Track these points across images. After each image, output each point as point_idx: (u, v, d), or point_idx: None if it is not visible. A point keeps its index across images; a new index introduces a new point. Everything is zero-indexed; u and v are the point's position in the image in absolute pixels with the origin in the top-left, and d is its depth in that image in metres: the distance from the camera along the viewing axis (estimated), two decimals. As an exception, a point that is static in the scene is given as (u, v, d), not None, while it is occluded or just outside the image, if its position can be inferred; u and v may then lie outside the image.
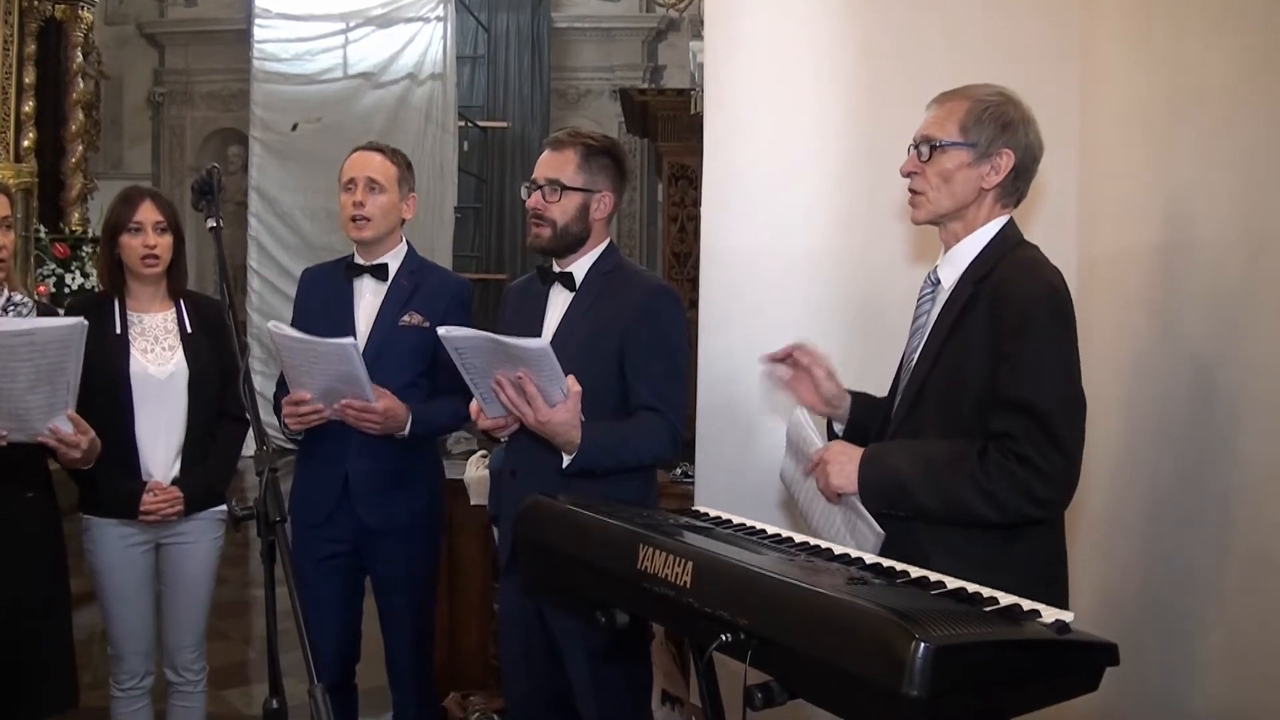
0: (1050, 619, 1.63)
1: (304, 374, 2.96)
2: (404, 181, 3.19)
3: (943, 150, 2.21)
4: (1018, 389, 2.06)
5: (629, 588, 1.92)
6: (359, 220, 3.12)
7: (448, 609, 3.87)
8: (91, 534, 3.10)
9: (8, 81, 8.04)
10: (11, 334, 2.49)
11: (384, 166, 3.16)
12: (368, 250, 3.20)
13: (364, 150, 3.21)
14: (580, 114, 11.55)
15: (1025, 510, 2.07)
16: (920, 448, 2.19)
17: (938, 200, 2.24)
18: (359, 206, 3.11)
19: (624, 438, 2.63)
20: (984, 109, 2.19)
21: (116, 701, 3.19)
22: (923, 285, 2.35)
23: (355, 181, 3.13)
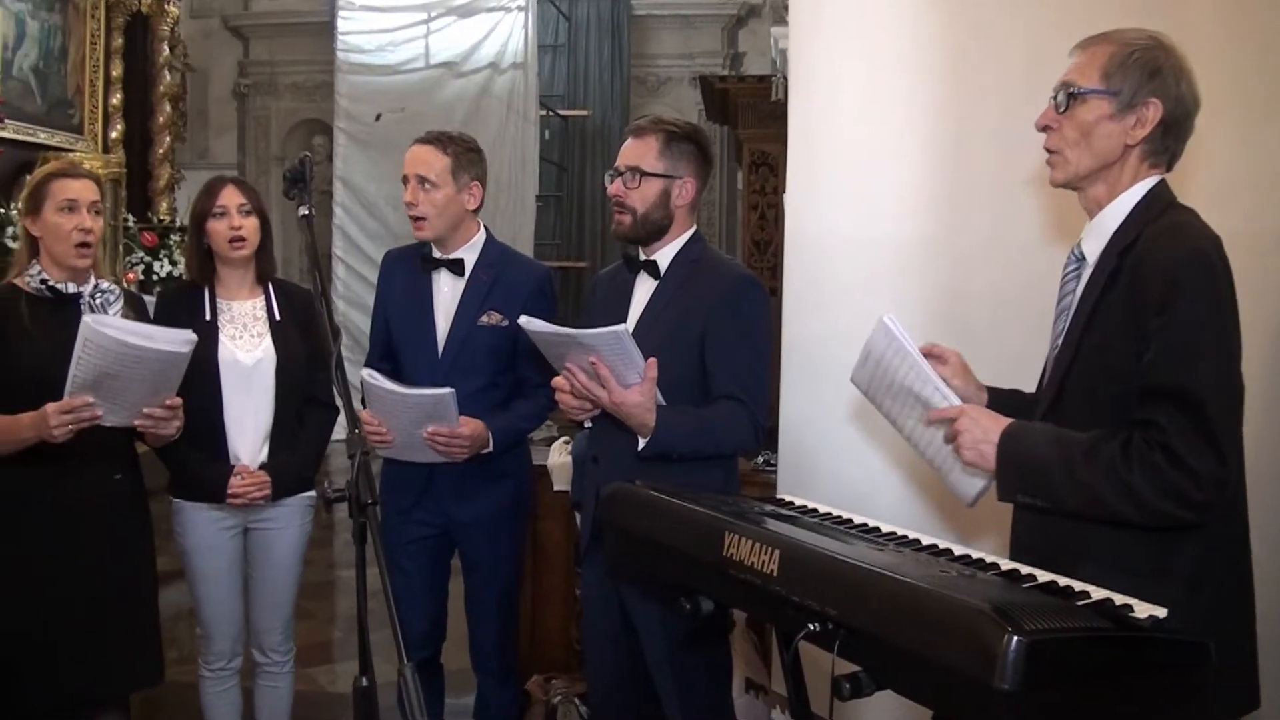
0: (1144, 614, 1.60)
1: (390, 418, 2.98)
2: (460, 171, 3.11)
3: (1082, 100, 1.99)
4: (1164, 372, 1.83)
5: (714, 575, 1.92)
6: (416, 220, 3.11)
7: (530, 593, 3.90)
8: (181, 517, 3.16)
9: (96, 75, 8.20)
10: (124, 345, 2.57)
11: (433, 161, 3.09)
12: (440, 245, 3.19)
13: (417, 144, 3.17)
14: (660, 101, 11.51)
15: (1168, 510, 1.83)
16: (1064, 433, 1.94)
17: (1077, 159, 2.01)
18: (412, 206, 3.10)
19: (701, 423, 2.62)
20: (1130, 53, 1.96)
21: (205, 681, 3.26)
22: (1066, 262, 2.13)
23: (408, 179, 3.12)
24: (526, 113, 9.99)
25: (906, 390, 2.17)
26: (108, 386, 2.61)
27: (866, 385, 2.29)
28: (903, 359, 2.16)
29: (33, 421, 2.65)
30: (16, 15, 7.25)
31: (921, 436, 2.22)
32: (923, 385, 2.14)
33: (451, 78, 10.06)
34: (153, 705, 3.51)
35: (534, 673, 3.73)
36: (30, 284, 2.87)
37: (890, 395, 2.24)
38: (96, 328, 2.55)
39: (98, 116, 8.24)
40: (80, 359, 2.55)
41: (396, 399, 2.95)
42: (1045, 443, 1.95)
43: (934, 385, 2.13)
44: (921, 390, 2.15)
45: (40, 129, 7.59)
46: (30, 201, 2.89)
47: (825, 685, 1.66)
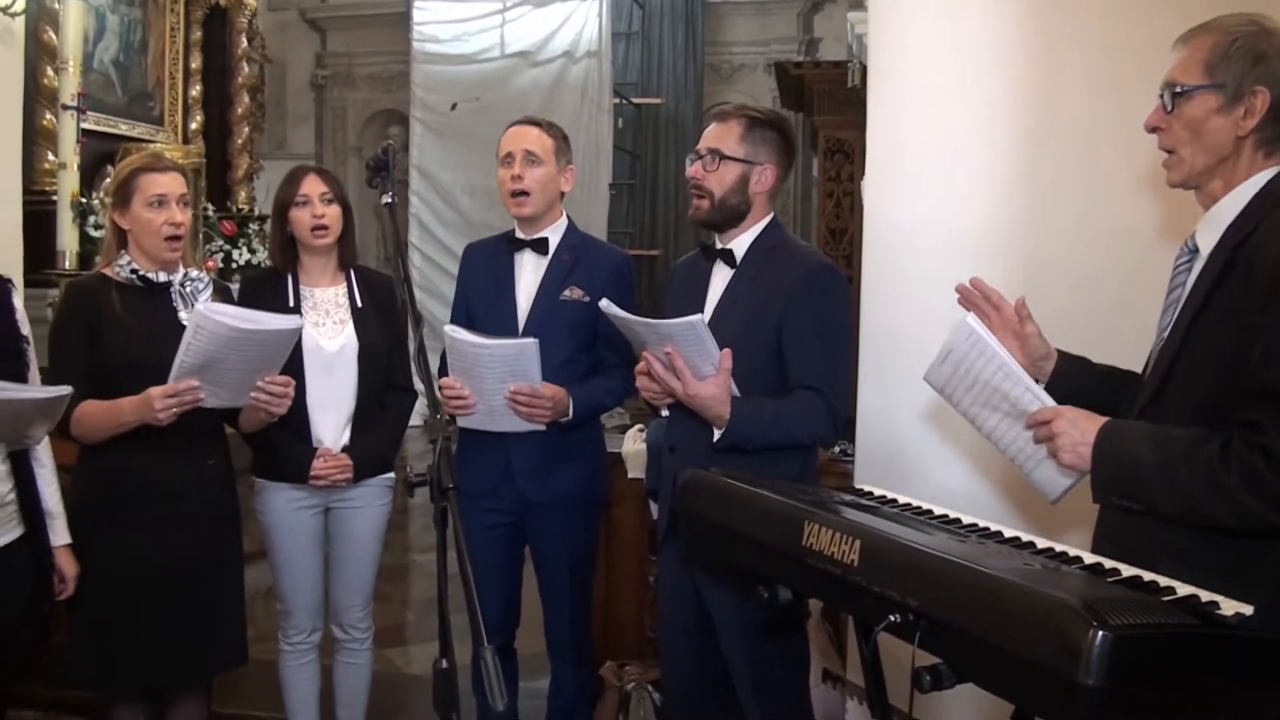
0: (1230, 612, 1.57)
1: (472, 378, 3.01)
2: (561, 154, 3.20)
3: (1187, 97, 1.93)
4: (1268, 371, 1.76)
5: (792, 564, 1.92)
6: (518, 195, 3.14)
7: (604, 580, 3.92)
8: (264, 496, 3.24)
9: (175, 67, 8.38)
10: (237, 330, 2.64)
11: (540, 139, 3.17)
12: (528, 225, 3.23)
13: (520, 124, 3.23)
14: (734, 89, 11.46)
15: (1265, 515, 1.75)
16: (1163, 433, 1.88)
17: (1191, 157, 1.95)
18: (517, 180, 3.13)
19: (777, 414, 2.60)
20: (1231, 42, 1.90)
21: (285, 655, 3.34)
22: (1178, 254, 2.06)
23: (513, 155, 3.15)
24: (600, 101, 10.00)
25: (991, 389, 2.15)
26: (212, 370, 2.68)
27: (943, 384, 2.26)
28: (988, 360, 2.13)
29: (135, 406, 2.72)
30: (97, 10, 7.41)
31: (1004, 434, 2.19)
32: (1012, 386, 2.11)
33: (526, 67, 10.10)
34: (232, 681, 3.58)
35: (607, 659, 3.74)
36: (120, 274, 2.93)
37: (970, 394, 2.21)
38: (209, 315, 2.61)
39: (177, 108, 8.41)
40: (190, 345, 2.62)
41: (480, 351, 2.96)
42: (1142, 444, 1.89)
43: (1025, 385, 2.10)
44: (1011, 390, 2.12)
45: (121, 121, 7.77)
46: (118, 195, 2.95)
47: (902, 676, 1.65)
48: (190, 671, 3.01)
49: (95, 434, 2.84)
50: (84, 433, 2.84)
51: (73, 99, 5.48)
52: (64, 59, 5.57)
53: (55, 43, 6.33)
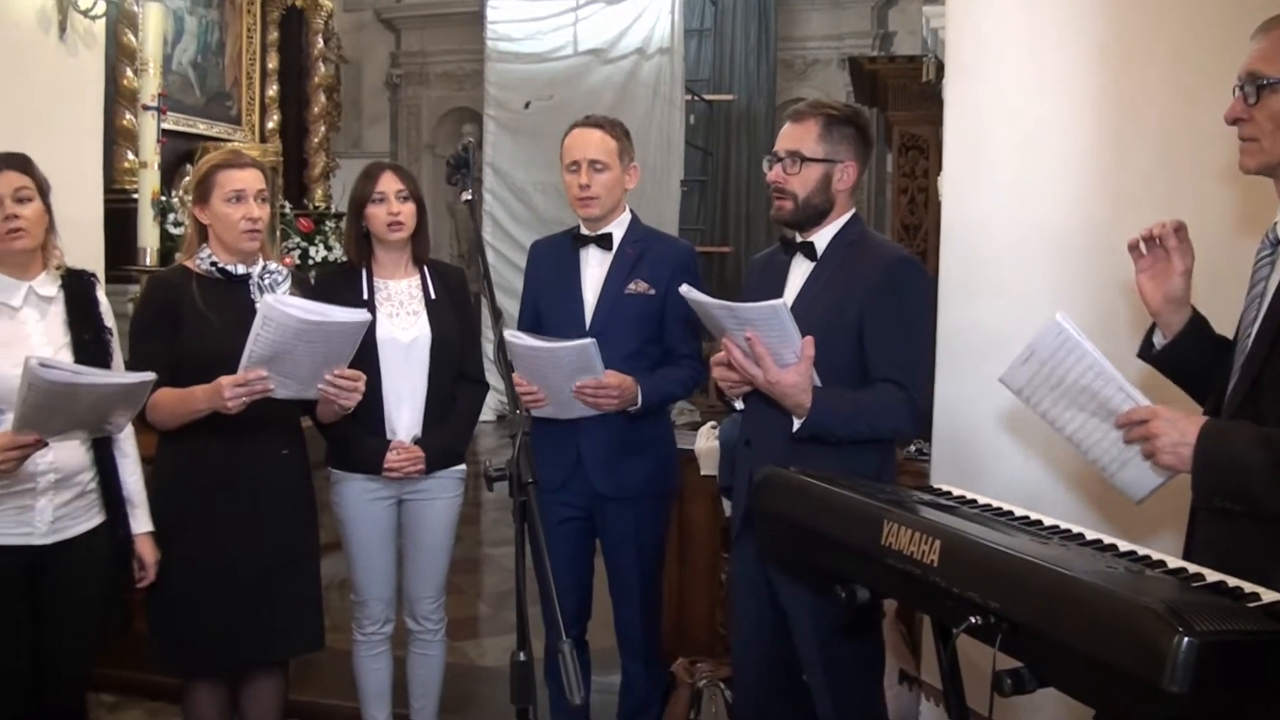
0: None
1: (538, 377, 3.04)
2: (625, 154, 3.22)
3: (1272, 89, 1.88)
4: None
5: (870, 563, 1.90)
6: (586, 200, 3.17)
7: (677, 577, 3.92)
8: (339, 488, 3.28)
9: (253, 68, 8.50)
10: (304, 321, 2.68)
11: (604, 143, 3.19)
12: (593, 221, 3.25)
13: (582, 127, 3.24)
14: (807, 84, 11.38)
15: None
16: (1269, 434, 1.82)
17: (1273, 148, 1.91)
18: (585, 188, 3.16)
19: (859, 406, 2.58)
20: None
21: (358, 645, 3.38)
22: (1260, 246, 2.01)
23: (579, 164, 3.17)
24: (672, 98, 9.98)
25: (1079, 389, 2.10)
26: (282, 361, 2.72)
27: (1023, 385, 2.21)
28: (1078, 359, 2.08)
29: (207, 394, 2.77)
30: (175, 12, 7.55)
31: (1088, 436, 2.14)
32: (1104, 385, 2.06)
33: (599, 64, 10.11)
34: (307, 668, 3.63)
35: (679, 655, 3.74)
36: (201, 266, 2.99)
37: (1053, 395, 2.16)
38: (276, 305, 2.66)
39: (255, 108, 8.55)
40: (258, 336, 2.66)
41: (541, 355, 3.00)
42: (1247, 444, 1.83)
43: (1118, 384, 2.05)
44: (1102, 390, 2.06)
45: (200, 120, 7.90)
46: (198, 191, 3.00)
47: (978, 679, 1.63)
48: (264, 654, 3.07)
49: (169, 421, 2.89)
50: (159, 419, 2.90)
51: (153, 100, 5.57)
52: (144, 60, 5.67)
53: (135, 45, 6.46)
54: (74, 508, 2.75)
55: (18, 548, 2.67)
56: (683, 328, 3.21)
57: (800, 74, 11.58)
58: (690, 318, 3.13)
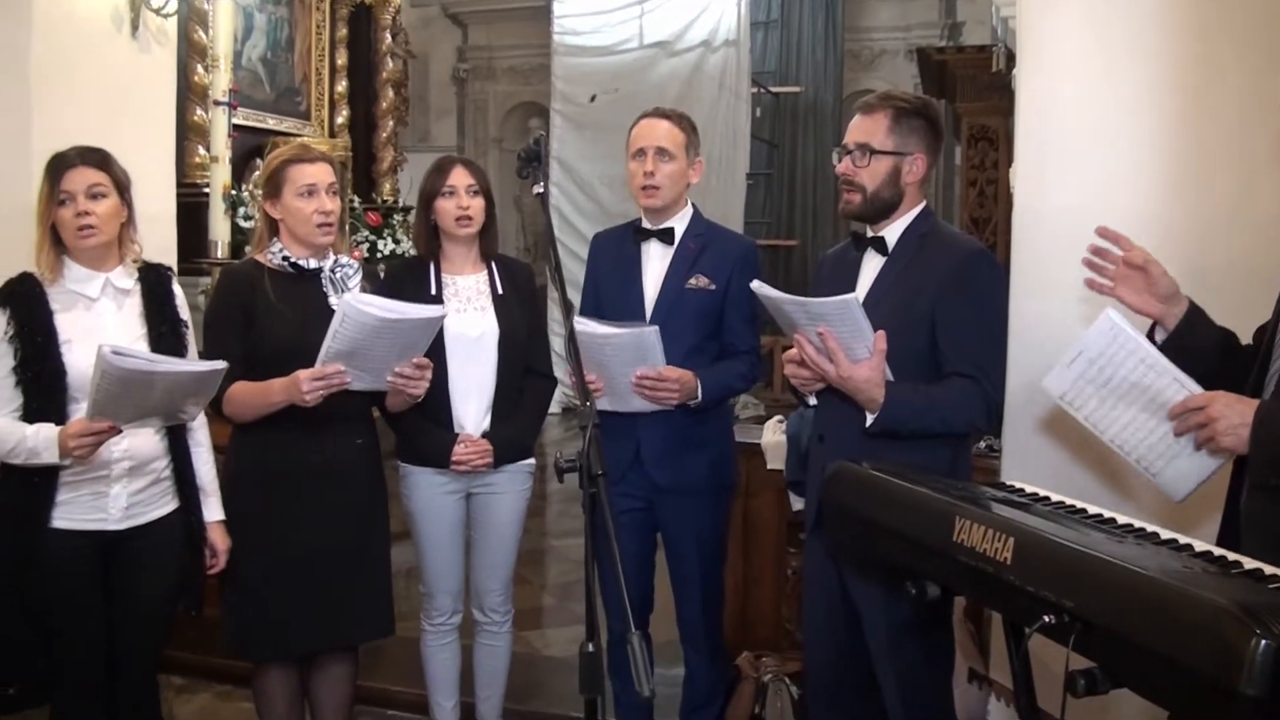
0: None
1: (598, 365, 3.05)
2: (691, 147, 3.23)
3: None
4: None
5: (942, 560, 1.88)
6: (649, 189, 3.18)
7: (742, 570, 3.91)
8: (408, 481, 3.31)
9: (322, 63, 8.60)
10: (382, 319, 2.71)
11: (672, 133, 3.20)
12: (655, 215, 3.26)
13: (651, 117, 3.25)
14: (874, 76, 11.27)
15: None
16: None
17: None
18: (650, 176, 3.16)
19: (932, 400, 2.54)
20: None
21: (427, 635, 3.41)
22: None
23: (645, 151, 3.18)
24: (738, 90, 9.95)
25: (1129, 385, 2.13)
26: (358, 355, 2.76)
27: (1066, 389, 2.23)
28: (1130, 353, 2.11)
29: (283, 387, 2.81)
30: (245, 9, 7.66)
31: (1133, 435, 2.18)
32: (1156, 377, 2.09)
33: (665, 57, 10.10)
34: (376, 655, 3.67)
35: (744, 649, 3.73)
36: (273, 260, 3.02)
37: (1100, 394, 2.19)
38: (355, 305, 2.69)
39: (324, 103, 8.65)
40: (337, 332, 2.70)
41: (602, 341, 3.01)
42: None
43: (1172, 375, 2.08)
44: (1155, 382, 2.09)
45: (269, 115, 8.01)
46: (269, 186, 3.04)
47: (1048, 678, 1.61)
48: (336, 639, 3.11)
49: (246, 413, 2.94)
50: (235, 412, 2.95)
51: (224, 95, 5.68)
52: (215, 57, 5.77)
53: (205, 42, 6.56)
54: (148, 494, 2.80)
55: (93, 532, 2.72)
56: (742, 323, 3.21)
57: (867, 65, 11.48)
58: (750, 313, 3.12)
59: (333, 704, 3.19)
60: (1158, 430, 2.12)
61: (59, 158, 2.73)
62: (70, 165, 2.70)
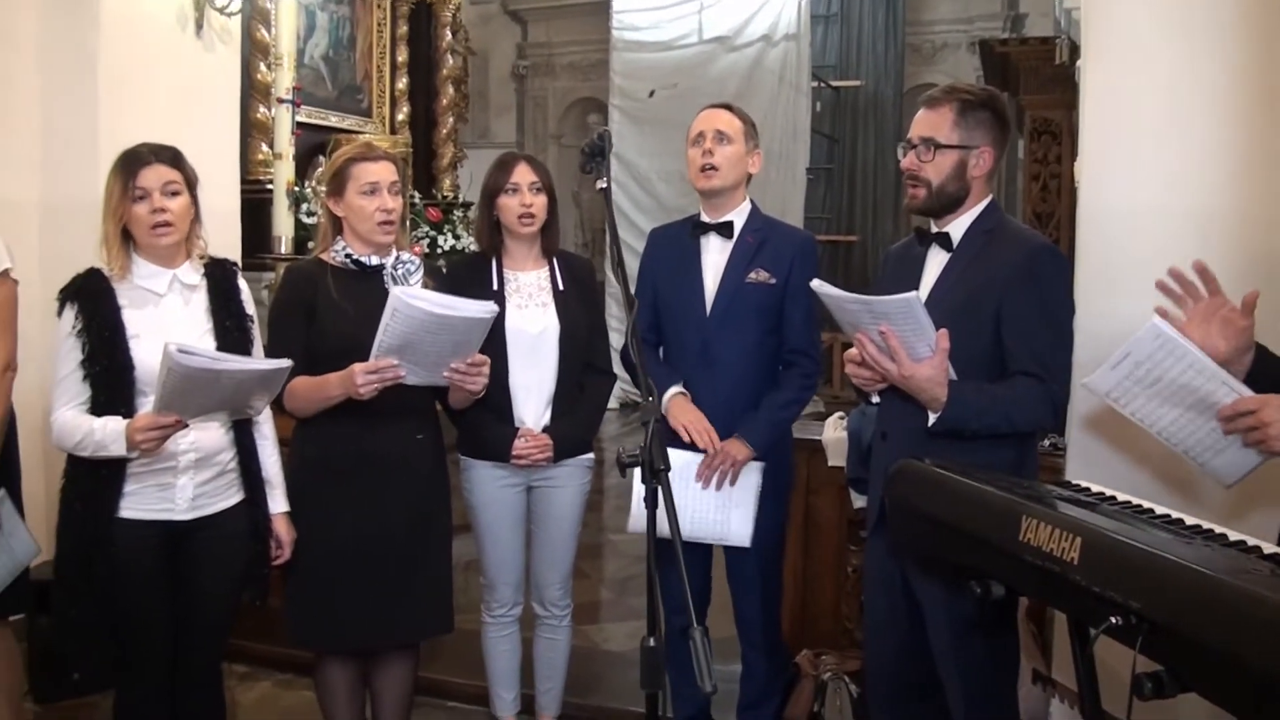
0: None
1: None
2: (749, 137, 3.25)
3: None
4: None
5: (1007, 559, 1.86)
6: (708, 169, 3.19)
7: (801, 568, 3.89)
8: (469, 474, 3.34)
9: (383, 61, 8.68)
10: (431, 314, 2.72)
11: (731, 120, 3.23)
12: (714, 208, 3.26)
13: (711, 108, 3.30)
14: (936, 69, 11.17)
15: None
16: None
17: None
18: (708, 155, 3.18)
19: (996, 399, 2.51)
20: None
21: (487, 627, 3.45)
22: None
23: (704, 134, 3.21)
24: (798, 84, 9.90)
25: (1177, 387, 2.15)
26: (411, 350, 2.77)
27: (1111, 388, 2.25)
28: (1178, 359, 2.14)
29: (340, 380, 2.84)
30: (307, 8, 7.75)
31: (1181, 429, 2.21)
32: (1205, 380, 2.12)
33: (724, 52, 10.07)
34: (436, 646, 3.70)
35: (803, 647, 3.71)
36: (336, 258, 3.05)
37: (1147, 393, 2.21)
38: (405, 299, 2.70)
39: (385, 100, 8.72)
40: (388, 327, 2.72)
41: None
42: None
43: (1220, 379, 2.11)
44: (1203, 385, 2.12)
45: (331, 113, 8.10)
46: (333, 184, 3.06)
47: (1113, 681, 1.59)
48: (396, 632, 3.13)
49: (305, 407, 2.97)
50: (296, 406, 2.98)
51: (288, 93, 5.71)
52: (278, 55, 5.81)
53: (268, 40, 6.64)
54: (214, 486, 2.83)
55: (160, 522, 2.76)
56: (803, 319, 3.21)
57: (929, 58, 11.38)
58: (809, 309, 3.10)
59: (393, 696, 3.22)
60: (1205, 426, 2.16)
61: (132, 155, 2.75)
62: (145, 162, 2.73)
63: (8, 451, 3.12)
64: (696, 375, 3.22)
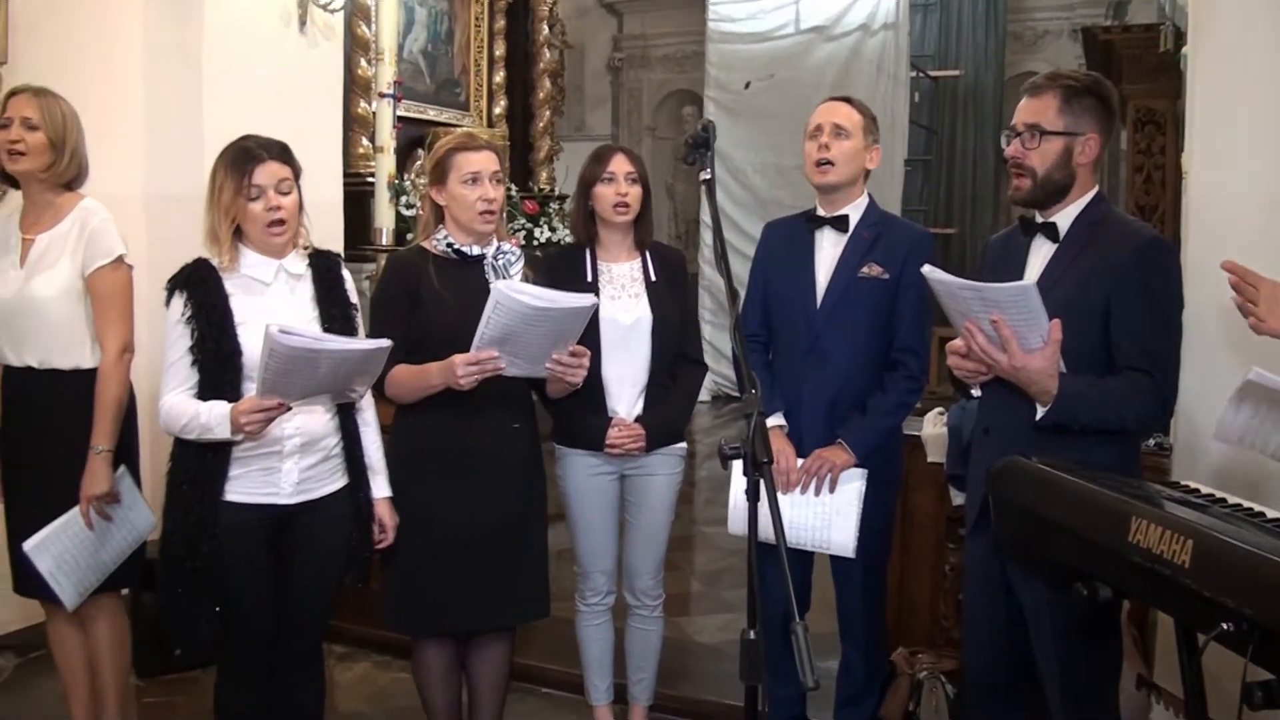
0: None
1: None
2: (869, 131, 3.20)
3: None
4: None
5: (1115, 560, 1.83)
6: (823, 164, 3.15)
7: (899, 565, 3.83)
8: (563, 463, 3.38)
9: (480, 55, 8.74)
10: (533, 307, 2.75)
11: (850, 114, 3.19)
12: (830, 201, 3.23)
13: (830, 101, 3.26)
14: (1037, 58, 10.92)
15: None
16: None
17: None
18: (824, 150, 3.14)
19: (1106, 393, 2.44)
20: None
21: (581, 615, 3.49)
22: None
23: (821, 128, 3.17)
24: (897, 74, 9.75)
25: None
26: (512, 341, 2.80)
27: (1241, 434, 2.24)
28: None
29: (440, 370, 2.88)
30: (406, 3, 7.84)
31: None
32: None
33: (821, 42, 9.96)
34: (530, 633, 3.75)
35: (899, 644, 3.67)
36: (437, 247, 3.10)
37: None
38: (508, 292, 2.73)
39: (482, 94, 8.79)
40: (490, 319, 2.74)
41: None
42: None
43: None
44: None
45: (430, 107, 8.18)
46: (435, 173, 3.11)
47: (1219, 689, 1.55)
48: (493, 617, 3.17)
49: (406, 395, 3.02)
50: (396, 394, 3.03)
51: (389, 87, 5.79)
52: (379, 50, 5.90)
53: (368, 36, 6.73)
54: (318, 471, 2.89)
55: (264, 505, 2.83)
56: (914, 316, 3.16)
57: (1030, 46, 11.14)
58: (922, 308, 3.05)
59: (488, 680, 3.26)
60: None
61: (244, 151, 2.80)
62: (259, 160, 2.78)
63: (128, 430, 3.24)
64: (804, 370, 3.19)
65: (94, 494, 3.09)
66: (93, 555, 3.15)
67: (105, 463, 3.10)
